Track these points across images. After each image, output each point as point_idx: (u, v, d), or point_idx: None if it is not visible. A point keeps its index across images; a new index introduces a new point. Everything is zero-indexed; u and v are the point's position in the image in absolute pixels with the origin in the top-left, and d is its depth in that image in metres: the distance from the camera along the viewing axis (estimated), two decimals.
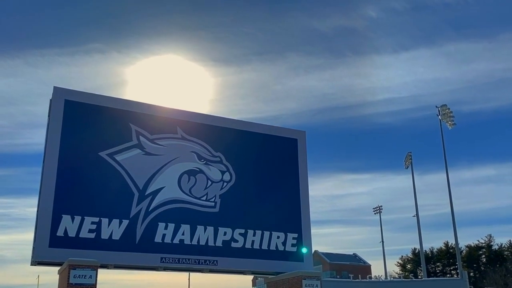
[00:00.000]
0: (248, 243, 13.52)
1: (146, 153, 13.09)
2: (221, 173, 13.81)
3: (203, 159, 13.73)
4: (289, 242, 14.09)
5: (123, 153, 12.80)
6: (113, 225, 11.95)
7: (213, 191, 13.63)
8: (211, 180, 13.63)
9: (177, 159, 13.47)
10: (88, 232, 11.58)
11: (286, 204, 14.62)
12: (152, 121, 13.53)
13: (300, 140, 15.48)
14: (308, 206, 14.92)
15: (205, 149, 13.81)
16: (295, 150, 15.28)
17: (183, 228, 12.83)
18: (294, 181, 14.91)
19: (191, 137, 13.78)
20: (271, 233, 13.90)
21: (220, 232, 13.24)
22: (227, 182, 13.83)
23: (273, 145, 15.01)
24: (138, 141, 13.10)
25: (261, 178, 14.40)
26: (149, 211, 12.67)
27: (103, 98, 13.13)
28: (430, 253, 60.79)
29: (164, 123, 13.68)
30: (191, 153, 13.73)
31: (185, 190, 13.34)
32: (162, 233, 12.52)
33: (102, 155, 12.41)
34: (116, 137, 12.81)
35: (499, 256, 56.21)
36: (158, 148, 13.36)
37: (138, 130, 13.18)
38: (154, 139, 13.33)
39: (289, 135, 15.40)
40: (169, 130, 13.66)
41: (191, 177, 13.56)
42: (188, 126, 13.88)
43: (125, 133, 13.00)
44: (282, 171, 14.89)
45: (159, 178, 13.14)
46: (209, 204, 13.46)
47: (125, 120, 13.13)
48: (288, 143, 15.30)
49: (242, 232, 13.55)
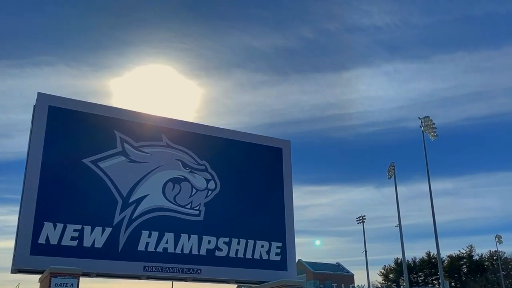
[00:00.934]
0: (232, 251, 13.48)
1: (130, 160, 13.01)
2: (206, 181, 13.78)
3: (188, 167, 13.69)
4: (273, 251, 14.09)
5: (107, 160, 12.70)
6: (95, 233, 11.82)
7: (198, 199, 13.59)
8: (196, 188, 13.60)
9: (161, 166, 13.41)
10: (70, 240, 11.43)
11: (271, 213, 14.64)
12: (137, 128, 13.45)
13: (284, 149, 15.55)
14: (292, 215, 14.97)
15: (190, 157, 13.78)
16: (279, 159, 15.34)
17: (167, 236, 12.74)
18: (278, 190, 14.95)
19: (176, 145, 13.74)
20: (255, 241, 13.88)
21: (204, 240, 13.18)
22: (212, 191, 13.80)
23: (258, 154, 15.06)
24: (123, 148, 13.01)
25: (246, 187, 14.41)
26: (132, 219, 12.56)
27: (88, 105, 13.03)
28: (413, 263, 61.27)
29: (149, 130, 13.60)
30: (176, 161, 13.67)
31: (169, 198, 13.27)
32: (146, 241, 12.41)
33: (86, 162, 12.29)
34: (100, 144, 12.70)
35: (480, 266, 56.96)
36: (143, 155, 13.28)
37: (123, 137, 13.10)
38: (139, 146, 13.26)
39: (274, 144, 15.46)
40: (154, 137, 13.59)
41: (175, 185, 13.50)
42: (174, 134, 13.84)
43: (110, 140, 12.90)
44: (266, 180, 14.92)
45: (143, 185, 13.05)
46: (193, 213, 13.41)
47: (109, 127, 13.03)
48: (273, 152, 15.35)
49: (226, 241, 13.51)
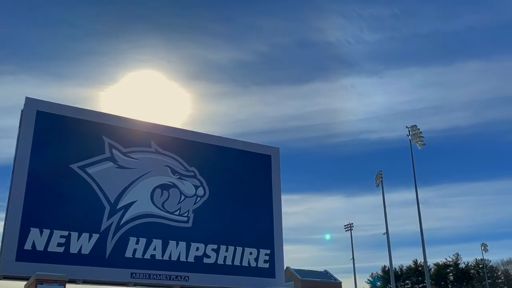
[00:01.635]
0: (221, 259, 13.42)
1: (118, 166, 12.92)
2: (194, 188, 13.73)
3: (177, 174, 13.64)
4: (262, 258, 14.07)
5: (95, 165, 12.59)
6: (82, 239, 11.69)
7: (186, 205, 13.53)
8: (184, 194, 13.54)
9: (150, 173, 13.33)
10: (57, 246, 11.29)
11: (259, 220, 14.62)
12: (126, 134, 13.37)
13: (273, 157, 15.57)
14: (281, 222, 14.95)
15: (179, 164, 13.73)
16: (268, 166, 15.35)
17: (155, 243, 12.65)
18: (267, 197, 14.95)
19: (165, 151, 13.68)
20: (243, 249, 13.84)
21: (193, 247, 13.11)
22: (201, 197, 13.75)
23: (247, 161, 15.06)
24: (111, 154, 12.92)
25: (235, 194, 14.39)
26: (120, 225, 12.45)
27: (76, 110, 12.92)
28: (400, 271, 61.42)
29: (138, 136, 13.53)
30: (164, 167, 13.61)
31: (157, 205, 13.18)
32: (133, 248, 12.30)
33: (74, 168, 12.17)
34: (89, 150, 12.60)
35: (466, 275, 57.36)
36: (131, 161, 13.20)
37: (111, 143, 13.01)
38: (128, 152, 13.18)
39: (263, 151, 15.48)
40: (143, 143, 13.53)
41: (164, 191, 13.42)
42: (162, 140, 13.78)
43: (98, 145, 12.80)
44: (255, 187, 14.92)
45: (132, 191, 12.96)
46: (182, 219, 13.33)
47: (98, 133, 12.94)
48: (262, 159, 15.36)
49: (215, 248, 13.45)
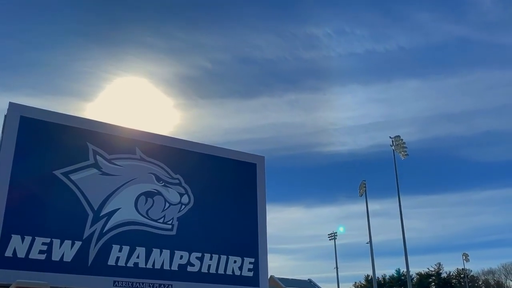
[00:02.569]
0: (205, 267, 13.33)
1: (102, 173, 12.80)
2: (179, 196, 13.65)
3: (162, 181, 13.56)
4: (246, 267, 14.01)
5: (79, 172, 12.46)
6: (65, 246, 11.52)
7: (171, 213, 13.44)
8: (169, 202, 13.46)
9: (134, 180, 13.23)
10: (39, 253, 11.07)
11: (244, 228, 14.59)
12: (111, 140, 13.26)
13: (259, 165, 15.58)
14: (265, 231, 14.95)
15: (164, 171, 13.66)
16: (254, 174, 15.35)
17: (138, 251, 12.53)
18: (252, 205, 14.94)
19: (150, 158, 13.59)
20: (227, 257, 13.79)
21: (177, 255, 13.02)
22: (185, 205, 13.68)
23: (233, 169, 15.04)
24: (95, 160, 12.81)
25: (220, 202, 14.35)
26: (103, 232, 12.31)
27: (61, 116, 12.80)
28: (383, 280, 61.83)
29: (122, 143, 13.43)
30: (149, 175, 13.52)
31: (141, 212, 13.08)
32: (116, 256, 12.17)
33: (57, 174, 12.02)
34: (72, 156, 12.46)
35: (448, 284, 58.08)
36: (116, 168, 13.09)
37: (96, 149, 12.90)
38: (112, 159, 13.07)
39: (249, 160, 15.48)
40: (127, 150, 13.42)
41: (148, 198, 13.32)
42: (148, 147, 13.70)
43: (82, 152, 12.67)
44: (240, 195, 14.90)
45: (115, 199, 12.84)
46: (166, 227, 13.24)
47: (82, 139, 12.81)
48: (247, 168, 15.36)
49: (199, 256, 13.37)
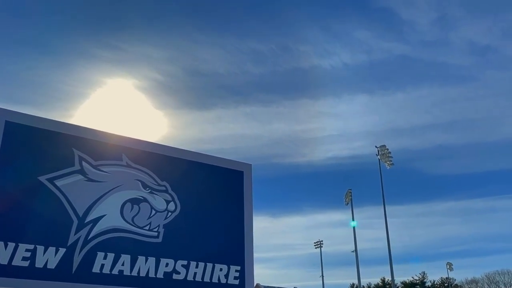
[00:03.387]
0: (190, 275, 13.17)
1: (88, 179, 12.62)
2: (166, 203, 13.51)
3: (148, 188, 13.42)
4: (232, 275, 13.88)
5: (64, 178, 12.26)
6: (48, 253, 11.30)
7: (157, 220, 13.28)
8: (155, 209, 13.31)
9: (120, 186, 13.05)
10: (22, 260, 10.74)
11: (230, 236, 14.47)
12: (97, 147, 13.06)
13: (246, 173, 15.50)
14: (251, 239, 14.83)
15: (151, 178, 13.52)
16: (241, 182, 15.27)
17: (123, 258, 12.35)
18: (238, 213, 14.84)
19: (136, 164, 13.44)
20: (213, 265, 13.67)
21: (162, 263, 12.87)
22: (172, 212, 13.54)
23: (220, 177, 14.95)
24: (81, 166, 12.64)
25: (206, 209, 14.22)
26: (88, 239, 12.11)
27: (47, 121, 12.61)
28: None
29: (109, 149, 13.23)
30: (135, 181, 13.35)
31: (127, 219, 12.90)
32: (101, 263, 11.97)
33: (42, 180, 11.81)
34: (58, 162, 12.25)
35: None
36: (101, 174, 12.92)
37: (81, 155, 12.73)
38: (98, 165, 12.90)
39: (236, 167, 15.39)
40: (114, 156, 13.25)
41: (134, 205, 13.11)
42: (134, 154, 13.53)
43: (68, 158, 12.47)
44: (227, 202, 14.79)
45: (101, 205, 12.64)
46: (152, 234, 13.08)
47: (68, 145, 12.61)
48: (234, 175, 15.27)
49: (185, 264, 13.24)
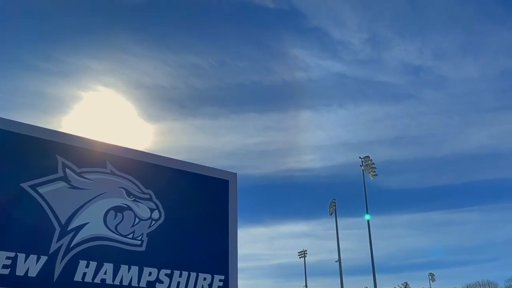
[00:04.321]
0: (174, 284, 12.97)
1: (71, 186, 12.40)
2: (150, 211, 13.36)
3: (132, 196, 13.25)
4: (216, 284, 13.70)
5: (47, 185, 12.02)
6: (30, 261, 11.04)
7: (141, 229, 13.10)
8: (139, 217, 13.14)
9: (104, 194, 12.85)
10: (2, 268, 10.36)
11: (214, 245, 14.32)
12: (80, 154, 12.84)
13: (231, 182, 15.43)
14: (236, 248, 14.73)
15: (135, 186, 13.35)
16: (226, 191, 15.16)
17: (106, 267, 12.14)
18: (223, 222, 14.73)
19: (121, 172, 13.26)
20: (197, 274, 13.51)
21: (145, 272, 12.69)
22: (156, 220, 13.38)
23: (205, 185, 14.84)
24: (64, 173, 12.42)
25: (191, 218, 14.09)
26: (70, 247, 11.85)
27: (30, 127, 12.39)
28: None
29: (93, 156, 13.04)
30: (119, 189, 13.17)
31: (110, 227, 12.69)
32: (83, 272, 11.72)
33: (24, 187, 11.56)
34: (41, 168, 12.01)
35: None
36: (85, 182, 12.72)
37: (65, 162, 12.53)
38: (82, 172, 12.70)
39: (221, 176, 15.30)
40: (98, 164, 13.07)
41: (118, 213, 12.92)
42: (119, 161, 13.37)
43: (51, 164, 12.24)
44: (212, 211, 14.68)
45: (84, 213, 12.41)
46: (135, 243, 12.89)
47: (51, 151, 12.39)
48: (219, 184, 15.18)
49: (168, 273, 13.08)
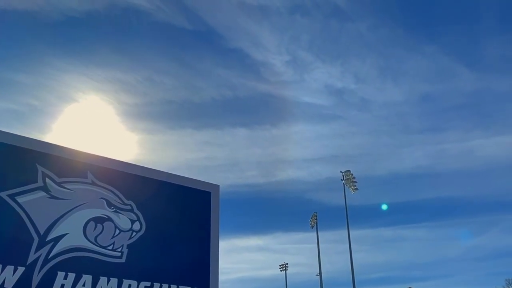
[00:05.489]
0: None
1: (51, 196, 12.21)
2: (130, 222, 13.21)
3: (113, 207, 13.11)
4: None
5: (26, 195, 11.81)
6: (6, 272, 10.77)
7: (121, 240, 12.94)
8: (119, 228, 12.99)
9: (84, 204, 12.68)
10: None
11: (196, 258, 14.21)
12: (61, 163, 12.69)
13: (213, 194, 15.39)
14: (217, 260, 14.63)
15: (116, 196, 13.22)
16: (208, 203, 15.13)
17: (84, 279, 11.93)
18: (205, 234, 14.66)
19: (102, 183, 13.12)
20: (178, 286, 13.30)
21: (125, 284, 12.49)
22: (137, 232, 13.23)
23: (187, 197, 14.76)
24: (44, 183, 12.24)
25: (172, 230, 13.98)
26: (48, 258, 11.65)
27: (9, 136, 12.18)
28: None
29: (73, 166, 12.89)
30: (100, 200, 13.03)
31: (90, 238, 12.52)
32: (61, 283, 11.48)
33: (3, 196, 11.29)
34: (20, 178, 11.78)
35: None
36: (65, 192, 12.54)
37: (45, 171, 12.36)
38: (62, 182, 12.53)
39: (203, 188, 15.24)
40: (78, 174, 12.91)
41: (98, 224, 12.77)
42: (100, 171, 13.23)
43: (31, 174, 12.06)
44: (193, 223, 14.58)
45: (63, 223, 12.22)
46: (115, 254, 12.73)
47: (31, 160, 12.20)
48: (202, 196, 15.12)
49: (148, 285, 12.89)
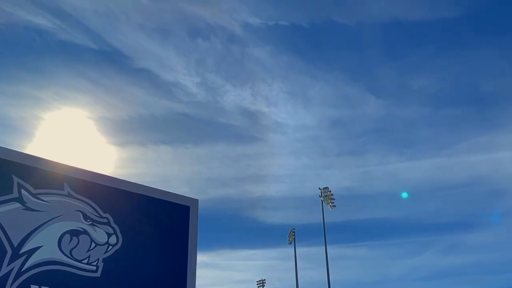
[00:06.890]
0: None
1: (26, 208, 11.99)
2: (107, 235, 13.03)
3: (89, 220, 12.92)
4: None
5: (0, 206, 11.64)
6: None
7: (97, 254, 12.73)
8: (95, 242, 12.80)
9: (60, 217, 12.47)
10: None
11: (173, 272, 14.09)
12: (38, 174, 12.49)
13: (192, 208, 15.34)
14: (194, 275, 14.51)
15: (93, 209, 13.04)
16: (186, 217, 15.07)
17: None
18: (182, 249, 14.58)
19: (78, 195, 12.94)
20: None
21: None
22: (113, 246, 13.06)
23: (165, 211, 14.65)
24: (19, 194, 12.02)
25: (149, 244, 13.84)
26: (21, 271, 11.37)
27: None
28: None
29: (50, 177, 12.70)
30: (76, 212, 12.84)
31: (65, 251, 12.28)
32: None
33: None
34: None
35: None
36: (41, 204, 12.33)
37: (21, 183, 12.14)
38: (38, 194, 12.32)
39: (182, 202, 15.15)
40: (55, 185, 12.70)
41: (73, 237, 12.56)
42: (77, 183, 13.05)
43: (6, 184, 11.80)
44: (171, 237, 14.50)
45: (38, 236, 12.00)
46: (90, 268, 12.51)
47: (6, 171, 12.02)
48: (181, 210, 15.03)
49: None
